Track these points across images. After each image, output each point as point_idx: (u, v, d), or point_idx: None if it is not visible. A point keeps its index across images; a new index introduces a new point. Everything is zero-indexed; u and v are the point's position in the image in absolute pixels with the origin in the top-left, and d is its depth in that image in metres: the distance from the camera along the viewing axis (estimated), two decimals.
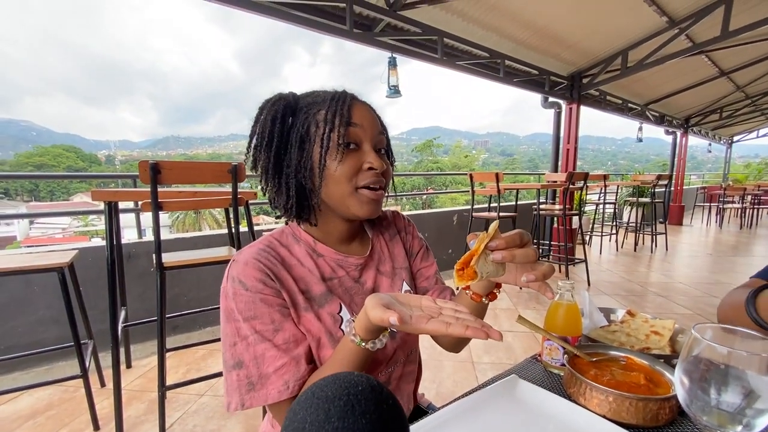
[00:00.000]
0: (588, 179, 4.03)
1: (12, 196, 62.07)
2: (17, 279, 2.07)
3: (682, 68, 5.42)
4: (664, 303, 3.24)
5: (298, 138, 0.63)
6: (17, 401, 1.86)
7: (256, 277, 0.59)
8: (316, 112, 0.63)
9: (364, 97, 0.68)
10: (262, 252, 0.62)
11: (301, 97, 0.67)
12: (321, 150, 0.61)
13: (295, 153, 0.63)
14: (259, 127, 0.64)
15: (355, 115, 0.63)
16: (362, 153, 0.63)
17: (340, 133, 0.61)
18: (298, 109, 0.65)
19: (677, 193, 8.56)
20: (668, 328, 0.79)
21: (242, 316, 0.57)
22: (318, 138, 0.62)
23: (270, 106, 0.64)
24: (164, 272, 1.52)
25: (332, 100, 0.63)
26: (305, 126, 0.63)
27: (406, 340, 0.72)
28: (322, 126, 0.62)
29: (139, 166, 1.37)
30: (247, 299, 0.58)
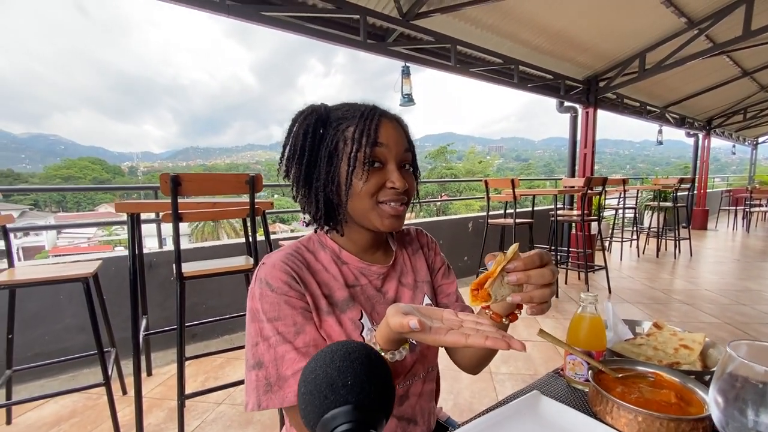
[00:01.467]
0: (607, 184, 3.95)
1: (41, 207, 64.60)
2: (46, 289, 2.14)
3: (702, 69, 5.29)
4: (690, 311, 3.13)
5: (327, 153, 0.65)
6: (42, 408, 1.91)
7: (282, 279, 0.61)
8: (345, 129, 0.65)
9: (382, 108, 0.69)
10: (290, 256, 0.65)
11: (333, 110, 0.68)
12: (348, 168, 0.63)
13: (324, 167, 0.65)
14: (291, 139, 0.66)
15: (381, 134, 0.64)
16: (386, 171, 0.65)
17: (366, 153, 0.62)
18: (329, 123, 0.66)
19: (701, 197, 8.30)
20: (698, 342, 0.76)
21: (266, 316, 0.59)
22: (345, 155, 0.64)
23: (302, 120, 0.66)
24: (184, 282, 1.55)
25: (361, 117, 0.64)
26: (334, 141, 0.65)
27: (426, 355, 0.72)
28: (349, 144, 0.63)
29: (160, 179, 1.41)
30: (272, 300, 0.60)
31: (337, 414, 0.27)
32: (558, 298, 3.49)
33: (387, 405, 0.29)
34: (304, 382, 0.30)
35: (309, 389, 0.29)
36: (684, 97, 6.47)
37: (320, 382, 0.29)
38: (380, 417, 0.28)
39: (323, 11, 2.69)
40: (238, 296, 2.72)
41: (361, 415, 0.27)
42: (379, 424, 0.28)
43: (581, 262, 3.92)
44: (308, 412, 0.28)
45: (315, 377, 0.29)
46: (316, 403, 0.28)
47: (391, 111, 0.71)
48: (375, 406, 0.28)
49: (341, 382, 0.28)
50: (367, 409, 0.28)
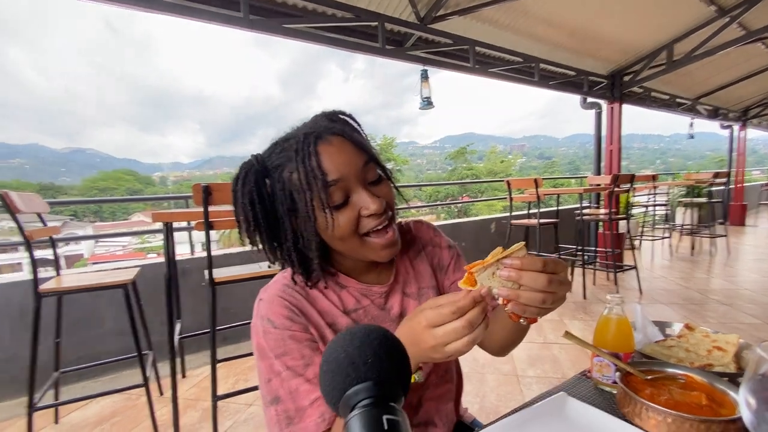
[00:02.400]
0: (635, 180, 3.83)
1: (80, 217, 68.30)
2: (88, 295, 2.26)
3: (735, 58, 5.05)
4: (729, 312, 2.99)
5: (285, 210, 0.59)
6: (86, 409, 2.03)
7: (283, 315, 0.59)
8: (290, 176, 0.58)
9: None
10: (287, 288, 0.62)
11: (267, 158, 0.61)
12: (311, 222, 0.58)
13: (288, 226, 0.60)
14: (240, 212, 0.60)
15: (329, 168, 0.56)
16: (354, 202, 0.59)
17: (322, 199, 0.56)
18: (269, 173, 0.60)
19: (738, 191, 7.90)
20: (732, 344, 0.74)
21: (273, 353, 0.58)
22: (303, 208, 0.58)
23: (241, 187, 0.59)
24: (215, 287, 1.61)
25: (297, 158, 0.56)
26: (287, 194, 0.58)
27: (443, 366, 0.71)
28: (302, 194, 0.57)
29: (192, 189, 1.48)
30: (276, 337, 0.59)
31: (359, 390, 0.29)
32: (586, 299, 3.40)
33: (405, 381, 0.31)
34: (327, 362, 0.31)
35: (331, 368, 0.31)
36: (716, 87, 6.19)
37: (342, 362, 0.30)
38: (399, 392, 0.30)
39: (342, 20, 2.75)
40: None
41: (381, 390, 0.29)
42: (398, 398, 0.29)
43: (609, 262, 3.81)
44: (331, 389, 0.30)
45: (336, 357, 0.31)
46: (338, 380, 0.30)
47: (333, 117, 0.64)
48: (394, 381, 0.30)
49: (362, 360, 0.30)
50: (386, 384, 0.29)
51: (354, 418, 0.27)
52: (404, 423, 0.27)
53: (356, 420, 0.27)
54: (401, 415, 0.27)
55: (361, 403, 0.28)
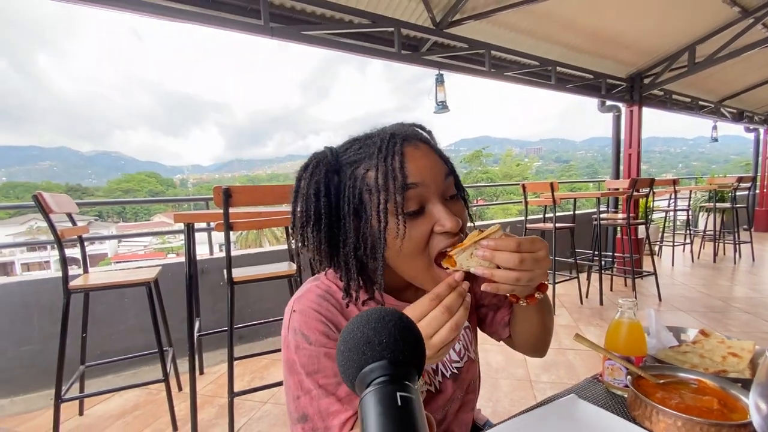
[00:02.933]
0: (655, 185, 3.75)
1: (104, 218, 70.58)
2: (112, 292, 2.35)
3: (760, 60, 4.89)
4: (752, 321, 2.90)
5: (351, 210, 0.55)
6: (109, 402, 2.10)
7: (319, 330, 0.56)
8: (364, 174, 0.55)
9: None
10: (322, 300, 0.59)
11: (342, 152, 0.58)
12: (379, 225, 0.53)
13: (351, 227, 0.55)
14: (302, 203, 0.56)
15: (411, 171, 0.53)
16: (429, 214, 0.54)
17: (397, 202, 0.52)
18: (342, 170, 0.57)
19: (763, 197, 7.62)
20: (748, 350, 0.73)
21: (305, 370, 0.56)
22: (374, 210, 0.53)
23: (309, 177, 0.56)
24: (233, 286, 1.66)
25: (379, 155, 0.53)
26: (357, 193, 0.54)
27: (465, 378, 0.69)
28: (375, 195, 0.53)
29: (213, 191, 1.53)
30: (310, 353, 0.56)
31: (375, 368, 0.30)
32: (602, 305, 3.34)
33: (419, 360, 0.32)
34: (344, 342, 0.33)
35: (348, 347, 0.32)
36: (741, 90, 6.01)
37: (358, 341, 0.32)
38: (413, 371, 0.31)
39: (359, 26, 2.79)
40: (279, 300, 2.85)
41: (396, 369, 0.30)
42: (411, 377, 0.30)
43: (627, 268, 3.74)
44: (348, 368, 0.32)
45: (353, 336, 0.32)
46: (354, 359, 0.31)
47: (416, 127, 0.62)
48: (408, 360, 0.31)
49: (377, 340, 0.31)
50: (400, 363, 0.31)
51: (369, 394, 0.28)
52: (417, 400, 0.28)
53: (371, 396, 0.28)
54: (415, 392, 0.28)
55: (376, 381, 0.29)
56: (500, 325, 0.75)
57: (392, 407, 0.27)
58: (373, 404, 0.27)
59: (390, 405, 0.27)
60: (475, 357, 0.73)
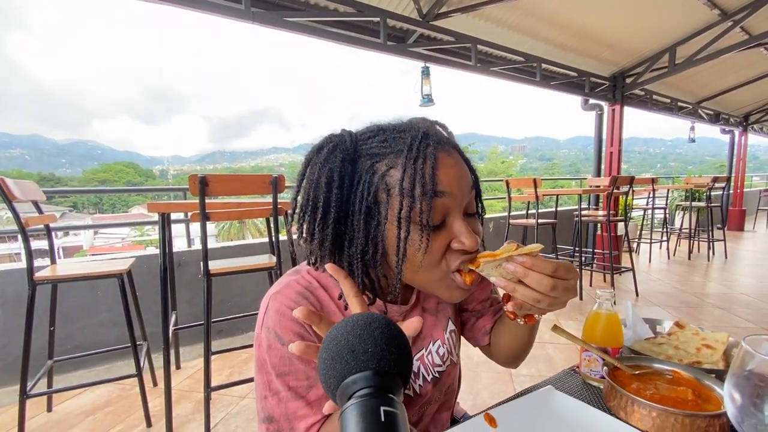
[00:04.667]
0: (634, 183, 3.83)
1: (80, 209, 68.27)
2: (84, 284, 2.26)
3: (737, 63, 5.05)
4: (724, 315, 2.99)
5: (363, 208, 0.49)
6: (80, 397, 2.03)
7: (293, 331, 0.52)
8: (386, 171, 0.49)
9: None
10: (300, 298, 0.55)
11: (362, 140, 0.52)
12: (398, 233, 0.48)
13: (360, 227, 0.50)
14: (310, 191, 0.51)
15: (441, 179, 0.48)
16: (449, 228, 0.50)
17: (422, 211, 0.47)
18: (359, 159, 0.51)
19: (737, 197, 7.90)
20: (721, 342, 0.74)
21: (275, 371, 0.53)
22: (392, 214, 0.48)
23: (323, 162, 0.50)
24: (211, 278, 1.61)
25: (409, 153, 0.48)
26: (371, 190, 0.49)
27: (445, 381, 0.67)
28: (397, 198, 0.48)
29: (189, 180, 1.48)
30: (282, 354, 0.52)
31: (358, 379, 0.28)
32: (582, 300, 3.41)
33: (405, 372, 0.30)
34: (326, 349, 0.31)
35: (330, 355, 0.30)
36: (718, 92, 6.19)
37: (341, 349, 0.30)
38: (398, 383, 0.29)
39: (344, 15, 2.74)
40: (260, 294, 2.78)
41: (381, 380, 0.28)
42: (397, 390, 0.29)
43: (607, 264, 3.81)
44: (329, 377, 0.30)
45: (337, 344, 0.30)
46: (337, 368, 0.29)
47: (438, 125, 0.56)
48: (393, 372, 0.29)
49: (362, 348, 0.29)
50: (386, 374, 0.29)
51: (350, 407, 0.26)
52: (402, 416, 0.26)
53: (353, 409, 0.26)
54: (399, 407, 0.27)
55: (358, 393, 0.27)
56: (481, 332, 0.74)
57: (375, 423, 0.25)
58: (354, 419, 0.25)
59: (373, 420, 0.25)
60: (457, 360, 0.71)
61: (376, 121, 0.55)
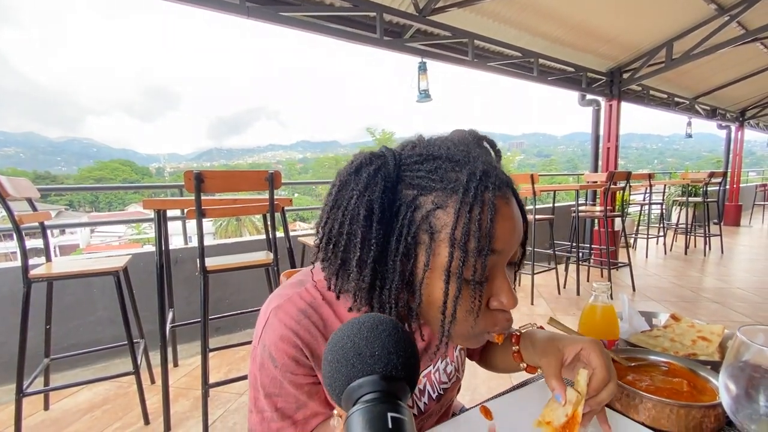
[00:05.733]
0: (631, 178, 3.84)
1: (76, 207, 67.74)
2: (80, 282, 2.25)
3: (734, 58, 5.05)
4: (719, 310, 3.01)
5: (402, 247, 0.42)
6: (77, 395, 2.02)
7: (288, 354, 0.49)
8: (432, 210, 0.42)
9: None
10: (302, 318, 0.50)
11: (407, 163, 0.45)
12: (446, 287, 0.42)
13: (397, 269, 0.43)
14: (345, 223, 0.43)
15: (498, 234, 0.42)
16: (492, 284, 0.45)
17: (476, 270, 0.41)
18: (401, 186, 0.44)
19: (733, 192, 7.94)
20: (717, 334, 0.74)
21: (264, 390, 0.51)
22: (437, 263, 0.42)
23: (362, 190, 0.42)
24: (207, 275, 1.61)
25: (464, 200, 0.41)
26: (412, 228, 0.43)
27: (449, 396, 0.67)
28: (446, 248, 0.42)
29: (184, 176, 1.47)
30: (273, 376, 0.50)
31: (364, 383, 0.27)
32: (579, 295, 3.42)
33: (412, 376, 0.29)
34: (331, 351, 0.30)
35: (336, 357, 0.29)
36: (715, 87, 6.20)
37: (347, 351, 0.29)
38: (406, 388, 0.28)
39: (340, 10, 2.72)
40: (257, 291, 2.79)
41: (388, 385, 0.27)
42: (404, 395, 0.28)
43: (604, 259, 3.82)
44: (334, 380, 0.29)
45: (342, 346, 0.29)
46: (342, 371, 0.28)
47: (485, 140, 0.51)
48: (401, 376, 0.28)
49: (368, 352, 0.28)
50: (393, 379, 0.28)
51: (356, 413, 0.25)
52: (410, 422, 0.25)
53: (358, 415, 0.25)
54: (407, 413, 0.26)
55: (364, 398, 0.26)
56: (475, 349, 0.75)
57: (382, 430, 0.24)
58: (360, 425, 0.24)
59: (380, 427, 0.24)
60: (462, 376, 0.70)
61: (425, 136, 0.49)
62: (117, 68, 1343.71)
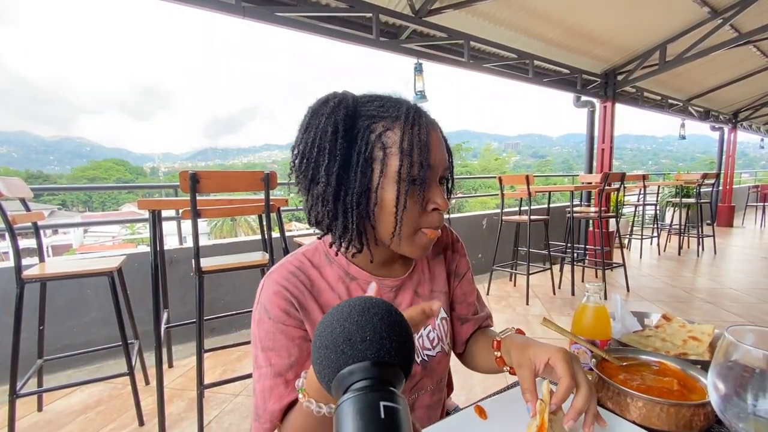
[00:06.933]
0: (626, 179, 3.87)
1: (69, 207, 67.09)
2: (73, 282, 2.24)
3: (727, 60, 5.11)
4: (712, 310, 3.04)
5: (361, 160, 0.54)
6: (70, 397, 2.01)
7: (280, 307, 0.56)
8: (383, 132, 0.54)
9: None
10: (291, 276, 0.59)
11: (361, 102, 0.57)
12: (397, 186, 0.53)
13: (357, 179, 0.54)
14: (315, 137, 0.54)
15: (432, 148, 0.55)
16: (429, 191, 0.57)
17: (418, 176, 0.54)
18: (357, 119, 0.55)
19: (726, 193, 8.02)
20: (707, 333, 0.75)
21: (261, 344, 0.56)
22: (389, 171, 0.54)
23: (329, 112, 0.54)
24: (202, 276, 1.60)
25: (406, 121, 0.54)
26: (369, 146, 0.54)
27: (435, 369, 0.68)
28: (394, 157, 0.53)
29: (179, 177, 1.46)
30: (268, 328, 0.56)
31: (355, 370, 0.26)
32: (574, 296, 3.44)
33: (407, 362, 0.28)
34: (320, 336, 0.29)
35: (325, 343, 0.28)
36: (708, 89, 6.26)
37: (337, 337, 0.28)
38: (399, 374, 0.27)
39: (336, 10, 2.73)
40: (253, 292, 2.77)
41: (380, 372, 0.26)
42: (398, 382, 0.27)
43: (598, 260, 3.85)
44: (323, 367, 0.28)
45: (332, 331, 0.28)
46: (332, 358, 0.27)
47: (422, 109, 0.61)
48: (394, 362, 0.27)
49: (359, 336, 0.27)
50: (386, 365, 0.27)
51: (346, 402, 0.24)
52: (404, 411, 0.24)
53: (349, 404, 0.23)
54: (401, 401, 0.24)
55: (355, 385, 0.25)
56: (460, 339, 0.76)
57: (375, 420, 0.22)
58: (351, 415, 0.23)
59: (372, 418, 0.23)
60: (448, 351, 0.71)
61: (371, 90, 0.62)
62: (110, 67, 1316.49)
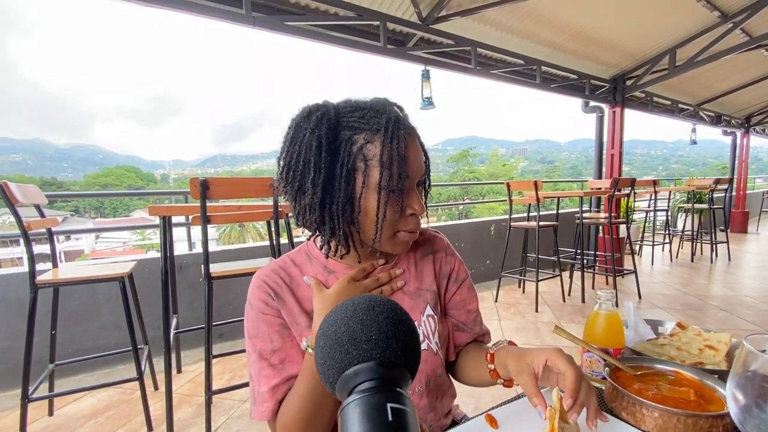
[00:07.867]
0: (636, 185, 3.82)
1: (81, 213, 68.28)
2: (85, 288, 2.27)
3: (738, 64, 5.05)
4: (727, 318, 2.98)
5: (344, 172, 0.57)
6: (81, 401, 2.02)
7: (260, 298, 0.63)
8: (364, 144, 0.57)
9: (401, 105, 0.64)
10: (272, 273, 0.65)
11: (342, 113, 0.59)
12: (378, 196, 0.57)
13: (342, 188, 0.57)
14: (300, 151, 0.57)
15: (410, 160, 0.59)
16: (407, 197, 0.60)
17: (396, 182, 0.57)
18: (340, 130, 0.58)
19: (739, 198, 7.88)
20: (724, 342, 0.73)
21: (248, 333, 0.63)
22: (371, 182, 0.57)
23: (313, 127, 0.57)
24: (212, 281, 1.61)
25: (385, 133, 0.56)
26: (351, 158, 0.57)
27: (422, 368, 0.67)
28: (375, 169, 0.57)
29: (190, 183, 1.48)
30: (252, 318, 0.63)
31: (360, 370, 0.25)
32: (584, 303, 3.39)
33: (413, 362, 0.28)
34: (324, 336, 0.28)
35: (328, 343, 0.27)
36: (719, 93, 6.19)
37: (341, 336, 0.27)
38: (406, 374, 0.26)
39: (344, 19, 2.76)
40: None
41: (386, 372, 0.25)
42: (404, 382, 0.26)
43: (609, 266, 3.80)
44: (327, 368, 0.27)
45: (336, 330, 0.27)
46: (336, 358, 0.26)
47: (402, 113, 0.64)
48: (400, 362, 0.26)
49: (364, 336, 0.26)
50: (392, 365, 0.26)
51: (352, 404, 0.23)
52: (412, 412, 0.23)
53: (354, 406, 0.23)
54: (408, 402, 0.23)
55: (361, 387, 0.24)
56: (453, 346, 0.75)
57: (382, 423, 0.22)
58: (357, 417, 0.22)
59: (379, 420, 0.22)
60: (436, 350, 0.70)
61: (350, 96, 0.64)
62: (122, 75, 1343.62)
